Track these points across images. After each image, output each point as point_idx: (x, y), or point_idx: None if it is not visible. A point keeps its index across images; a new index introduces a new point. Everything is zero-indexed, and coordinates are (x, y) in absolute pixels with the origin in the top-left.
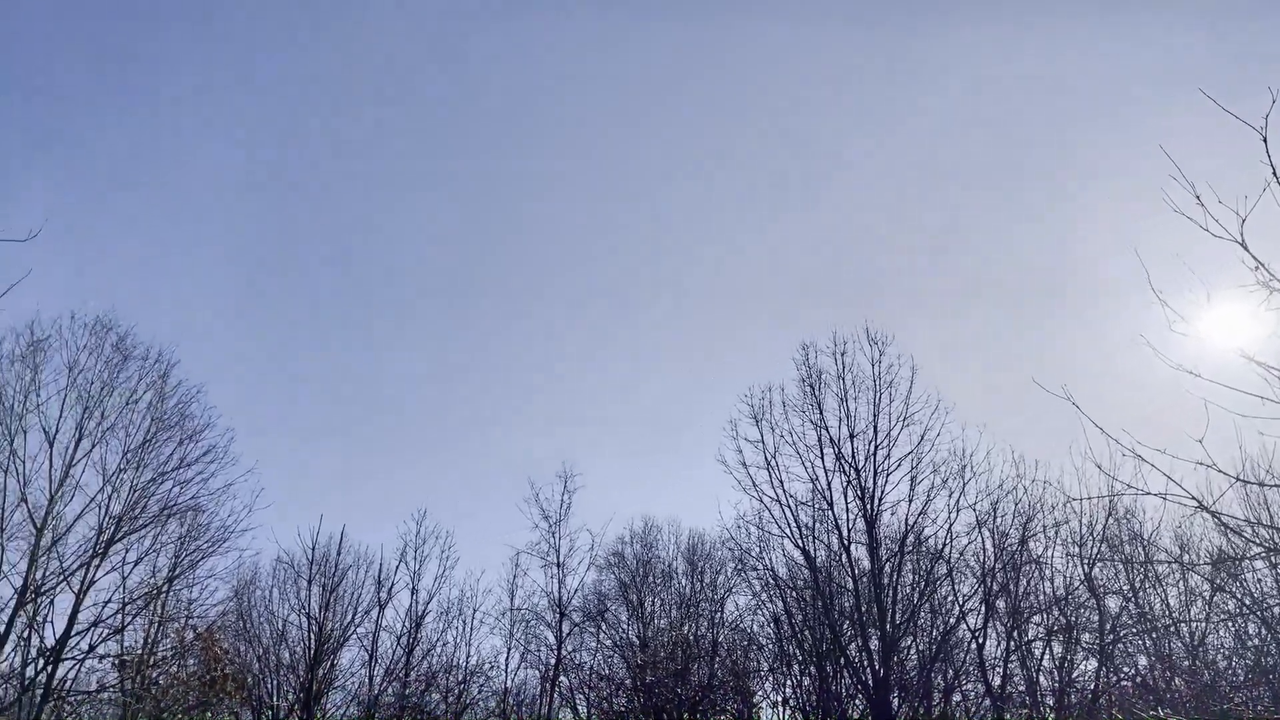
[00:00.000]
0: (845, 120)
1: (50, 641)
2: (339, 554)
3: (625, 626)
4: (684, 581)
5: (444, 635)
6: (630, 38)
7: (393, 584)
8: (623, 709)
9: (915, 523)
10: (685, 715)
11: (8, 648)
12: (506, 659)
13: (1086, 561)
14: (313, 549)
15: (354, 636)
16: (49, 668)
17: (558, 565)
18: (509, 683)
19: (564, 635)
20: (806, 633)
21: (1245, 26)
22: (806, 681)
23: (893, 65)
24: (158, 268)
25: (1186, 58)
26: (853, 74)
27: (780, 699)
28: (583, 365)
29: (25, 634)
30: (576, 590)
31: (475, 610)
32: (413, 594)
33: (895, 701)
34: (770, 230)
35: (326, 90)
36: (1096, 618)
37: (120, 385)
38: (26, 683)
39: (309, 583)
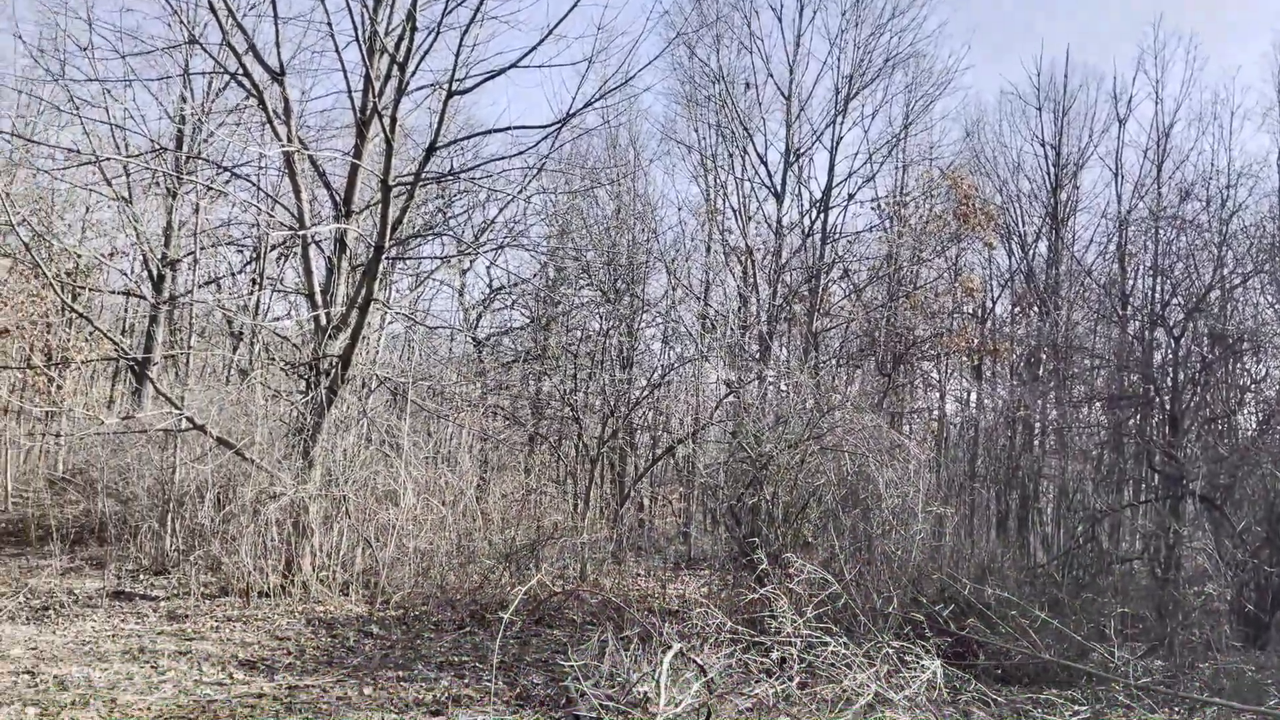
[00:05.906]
0: None
1: (817, 195)
2: (1065, 76)
3: None
4: None
5: (1197, 144)
6: None
7: (1130, 97)
8: None
9: None
10: None
11: (786, 202)
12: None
13: None
14: (1037, 75)
15: (1093, 158)
16: (820, 215)
17: None
18: None
19: None
20: None
21: None
22: None
23: None
24: None
25: None
26: None
27: None
28: None
29: (796, 190)
30: None
31: (1233, 111)
32: (1156, 103)
33: None
34: None
35: None
36: None
37: None
38: (806, 230)
39: (1038, 110)
